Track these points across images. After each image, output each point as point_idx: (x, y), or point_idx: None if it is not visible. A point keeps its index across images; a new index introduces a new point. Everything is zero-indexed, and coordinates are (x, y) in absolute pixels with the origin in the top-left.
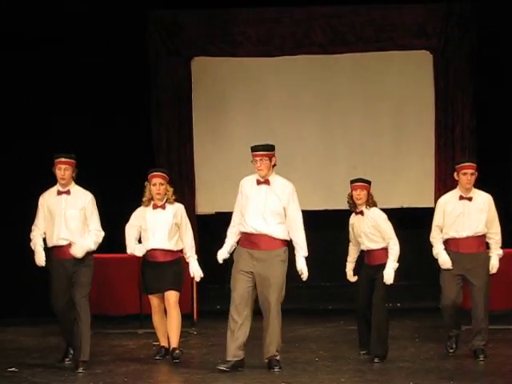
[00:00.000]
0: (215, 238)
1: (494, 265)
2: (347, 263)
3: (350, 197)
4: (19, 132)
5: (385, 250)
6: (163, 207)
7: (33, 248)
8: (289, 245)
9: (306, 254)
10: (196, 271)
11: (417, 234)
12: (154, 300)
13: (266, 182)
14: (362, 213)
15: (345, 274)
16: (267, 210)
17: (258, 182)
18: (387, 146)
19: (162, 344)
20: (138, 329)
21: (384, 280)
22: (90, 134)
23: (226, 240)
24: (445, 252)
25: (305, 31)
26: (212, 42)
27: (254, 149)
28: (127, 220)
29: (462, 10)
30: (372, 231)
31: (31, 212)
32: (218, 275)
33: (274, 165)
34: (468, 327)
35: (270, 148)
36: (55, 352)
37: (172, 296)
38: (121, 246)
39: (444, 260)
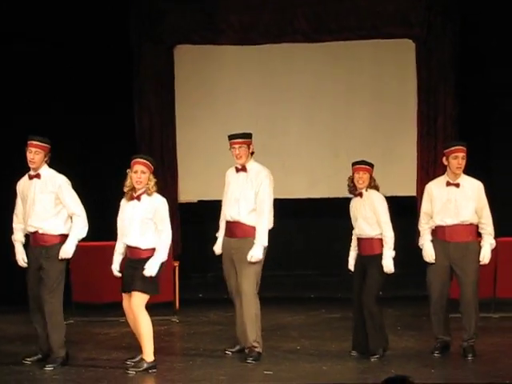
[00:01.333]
0: (197, 227)
1: (486, 254)
2: (350, 251)
3: (351, 180)
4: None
5: (378, 240)
6: (138, 198)
7: (13, 243)
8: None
9: (265, 243)
10: (149, 268)
11: (399, 222)
12: (123, 299)
13: (244, 169)
14: (360, 195)
15: (328, 262)
16: (241, 197)
17: (237, 170)
18: (369, 134)
19: None
20: (119, 317)
21: (384, 271)
22: (72, 121)
23: (218, 233)
24: (430, 244)
25: (288, 19)
26: (195, 29)
27: (232, 137)
28: (109, 207)
29: None
30: (369, 214)
31: (9, 198)
32: (200, 263)
33: (252, 152)
34: (456, 315)
35: (247, 136)
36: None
37: (135, 298)
38: (102, 234)
39: (427, 252)
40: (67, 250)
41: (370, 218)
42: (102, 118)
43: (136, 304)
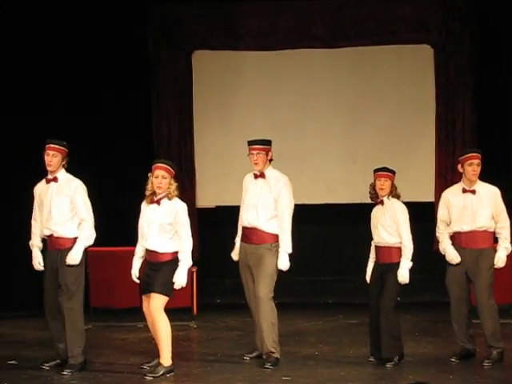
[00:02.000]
0: (215, 232)
1: (500, 258)
2: (369, 262)
3: (373, 187)
4: (21, 123)
5: (397, 248)
6: (158, 203)
7: (31, 248)
8: None
9: (290, 250)
10: (178, 278)
11: (417, 228)
12: (143, 303)
13: (262, 175)
14: (382, 202)
15: (346, 268)
16: (260, 203)
17: (255, 176)
18: (388, 140)
19: None
20: (137, 322)
21: (399, 281)
22: (91, 128)
23: (236, 239)
24: (452, 247)
25: (306, 25)
26: (213, 35)
27: (251, 143)
28: (127, 213)
29: (463, 3)
30: (389, 223)
31: (26, 203)
32: (218, 269)
33: (271, 159)
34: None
35: (266, 142)
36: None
37: (153, 300)
38: (120, 239)
39: (451, 255)
40: (74, 257)
41: (390, 227)
42: (120, 124)
43: (155, 306)
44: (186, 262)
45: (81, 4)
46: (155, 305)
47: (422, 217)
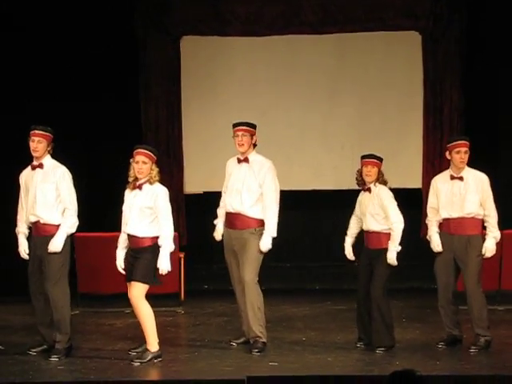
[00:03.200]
0: (203, 218)
1: (488, 248)
2: (346, 237)
3: (360, 173)
4: (6, 108)
5: (385, 234)
6: (140, 187)
7: (17, 235)
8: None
9: (274, 234)
10: (162, 264)
11: (404, 214)
12: (128, 289)
13: (246, 160)
14: (369, 190)
15: (333, 254)
16: (244, 188)
17: (239, 161)
18: (375, 126)
19: None
20: (125, 308)
21: (388, 262)
22: (78, 111)
23: (217, 220)
24: (437, 235)
25: (294, 10)
26: (201, 20)
27: (236, 124)
28: (115, 198)
29: None
30: (377, 211)
31: (13, 191)
32: (205, 255)
33: (255, 144)
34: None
35: (251, 125)
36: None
37: (133, 288)
38: (106, 225)
39: (433, 243)
40: (56, 245)
41: (378, 215)
42: (108, 108)
43: (135, 295)
44: (167, 247)
45: None
46: (134, 293)
47: (410, 203)
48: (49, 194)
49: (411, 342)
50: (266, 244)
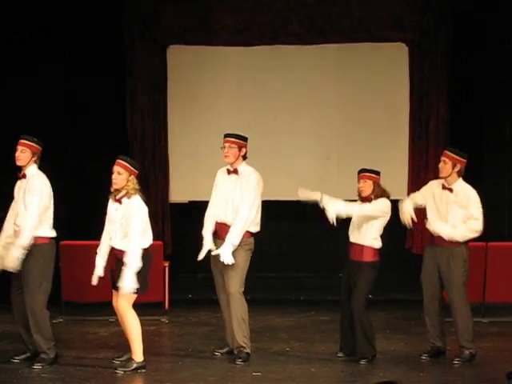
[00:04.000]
0: (188, 227)
1: (441, 228)
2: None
3: (358, 187)
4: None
5: (368, 248)
6: (119, 201)
7: None
8: (254, 236)
9: (235, 243)
10: (122, 283)
11: (389, 225)
12: (113, 297)
13: (235, 171)
14: (369, 201)
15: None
16: (230, 199)
17: (228, 172)
18: (361, 137)
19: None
20: (109, 316)
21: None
22: (64, 121)
23: (204, 232)
24: (410, 206)
25: (281, 21)
26: (188, 30)
27: (226, 135)
28: (99, 207)
29: (438, 2)
30: (365, 226)
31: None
32: (190, 264)
33: (245, 157)
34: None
35: (240, 137)
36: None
37: (120, 297)
38: (92, 233)
39: (404, 213)
40: (12, 260)
41: (364, 229)
42: (93, 117)
43: (122, 304)
44: (130, 264)
45: None
46: (122, 302)
47: (395, 214)
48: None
49: (395, 354)
50: (224, 253)
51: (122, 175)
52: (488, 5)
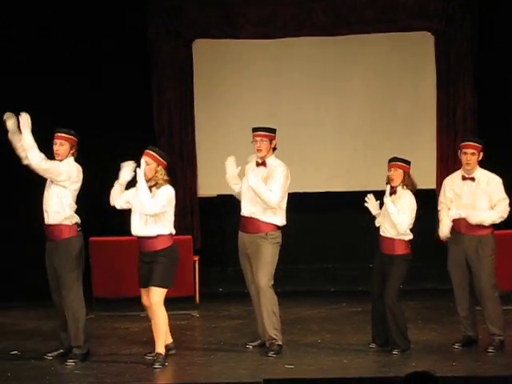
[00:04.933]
0: (217, 221)
1: (477, 215)
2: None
3: (387, 176)
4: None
5: (399, 241)
6: (150, 191)
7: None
8: (281, 229)
9: (252, 184)
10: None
11: (418, 215)
12: (142, 295)
13: (264, 163)
14: (395, 192)
15: (348, 255)
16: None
17: (257, 164)
18: (388, 127)
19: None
20: (140, 311)
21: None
22: (92, 118)
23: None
24: (448, 220)
25: (306, 13)
26: (213, 24)
27: (255, 129)
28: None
29: None
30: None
31: (31, 195)
32: (220, 258)
33: (275, 148)
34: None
35: (270, 130)
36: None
37: (154, 294)
38: (122, 229)
39: (444, 225)
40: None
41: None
42: (121, 112)
43: (156, 300)
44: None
45: None
46: (156, 299)
47: (424, 204)
48: (63, 198)
49: (427, 343)
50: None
51: (150, 165)
52: None
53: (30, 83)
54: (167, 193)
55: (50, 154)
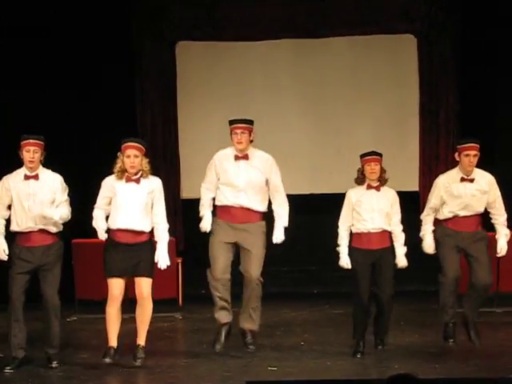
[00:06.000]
0: (200, 222)
1: (503, 246)
2: (342, 247)
3: (361, 172)
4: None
5: (388, 233)
6: (137, 181)
7: None
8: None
9: (287, 224)
10: (162, 257)
11: (402, 217)
12: (114, 285)
13: (245, 156)
14: (377, 188)
15: (331, 258)
16: (249, 184)
17: (236, 158)
18: (371, 129)
19: (112, 344)
20: (123, 314)
21: (399, 266)
22: (73, 118)
23: (204, 211)
24: (431, 236)
25: (290, 15)
26: (196, 25)
27: (235, 121)
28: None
29: None
30: (388, 209)
31: None
32: (203, 259)
33: (252, 140)
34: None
35: (249, 122)
36: (40, 339)
37: (146, 284)
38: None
39: (427, 244)
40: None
41: (387, 213)
42: (103, 114)
43: (148, 291)
44: (166, 239)
45: None
46: (147, 289)
47: (407, 206)
48: (49, 204)
49: (410, 346)
50: (280, 235)
51: (138, 158)
52: None
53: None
54: (162, 190)
55: (16, 162)
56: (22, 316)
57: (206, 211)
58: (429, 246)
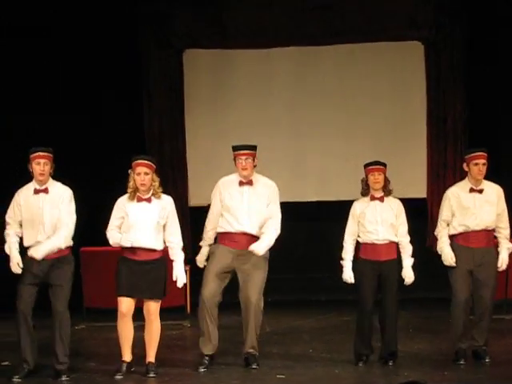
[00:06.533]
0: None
1: (504, 259)
2: (346, 262)
3: (365, 182)
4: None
5: (395, 244)
6: (149, 200)
7: (7, 251)
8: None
9: (271, 244)
10: (180, 276)
11: (409, 224)
12: (124, 304)
13: (249, 182)
14: (381, 199)
15: (337, 265)
16: (251, 210)
17: (241, 183)
18: (379, 137)
19: (125, 358)
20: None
21: (405, 282)
22: (81, 126)
23: (202, 244)
24: (449, 247)
25: (297, 23)
26: (204, 33)
27: (238, 148)
28: None
29: None
30: (393, 220)
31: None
32: None
33: (255, 165)
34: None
35: (253, 148)
36: (50, 348)
37: (153, 306)
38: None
39: (447, 255)
40: (38, 251)
41: (392, 224)
42: (112, 121)
43: (156, 312)
44: (182, 257)
45: (72, 2)
46: (156, 310)
47: (415, 213)
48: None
49: (418, 353)
50: (259, 248)
51: (148, 175)
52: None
53: (15, 91)
54: (174, 208)
55: (26, 176)
56: (31, 325)
57: (204, 245)
58: (449, 257)
